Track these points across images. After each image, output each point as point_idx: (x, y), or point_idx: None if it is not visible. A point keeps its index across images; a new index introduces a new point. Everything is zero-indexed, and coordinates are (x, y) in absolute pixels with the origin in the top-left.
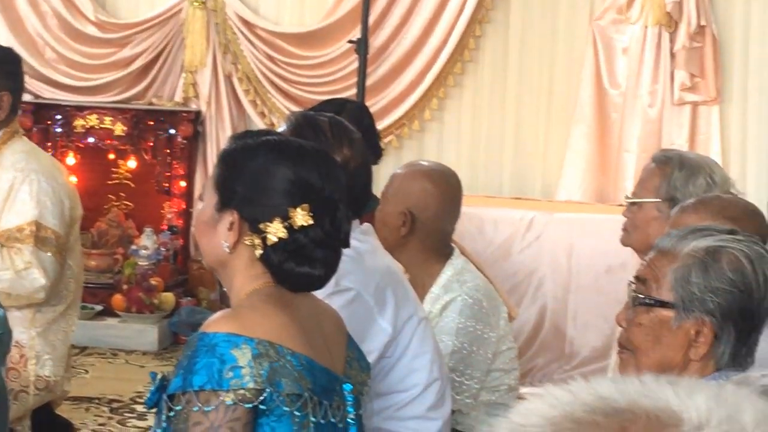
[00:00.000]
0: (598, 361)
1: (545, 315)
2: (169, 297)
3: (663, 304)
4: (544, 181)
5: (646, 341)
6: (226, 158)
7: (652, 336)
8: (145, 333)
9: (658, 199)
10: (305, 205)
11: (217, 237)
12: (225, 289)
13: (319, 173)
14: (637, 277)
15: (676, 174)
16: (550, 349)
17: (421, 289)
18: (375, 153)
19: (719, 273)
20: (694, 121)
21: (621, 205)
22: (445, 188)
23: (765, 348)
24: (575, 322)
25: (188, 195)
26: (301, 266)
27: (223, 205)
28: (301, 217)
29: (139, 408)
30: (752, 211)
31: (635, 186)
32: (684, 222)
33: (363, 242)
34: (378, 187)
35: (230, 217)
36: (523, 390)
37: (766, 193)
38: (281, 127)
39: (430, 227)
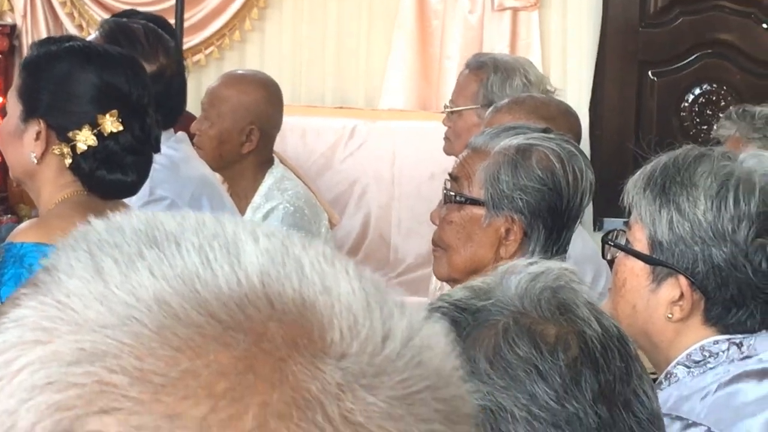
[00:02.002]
0: (423, 268)
1: (369, 223)
2: None
3: (473, 202)
4: (366, 90)
5: (457, 239)
6: (28, 66)
7: (463, 234)
8: None
9: (476, 106)
10: (114, 111)
11: (23, 148)
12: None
13: (126, 78)
14: (450, 175)
15: (492, 78)
16: (375, 257)
17: (245, 200)
18: None
19: (528, 171)
20: (514, 27)
21: (443, 113)
22: (278, 97)
23: (579, 246)
24: (399, 229)
25: (5, 111)
26: (112, 173)
27: (28, 114)
28: (110, 123)
29: None
30: (566, 111)
31: (453, 94)
32: (498, 122)
33: (177, 151)
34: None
35: (36, 126)
36: None
37: (586, 97)
38: (92, 35)
39: (268, 139)
